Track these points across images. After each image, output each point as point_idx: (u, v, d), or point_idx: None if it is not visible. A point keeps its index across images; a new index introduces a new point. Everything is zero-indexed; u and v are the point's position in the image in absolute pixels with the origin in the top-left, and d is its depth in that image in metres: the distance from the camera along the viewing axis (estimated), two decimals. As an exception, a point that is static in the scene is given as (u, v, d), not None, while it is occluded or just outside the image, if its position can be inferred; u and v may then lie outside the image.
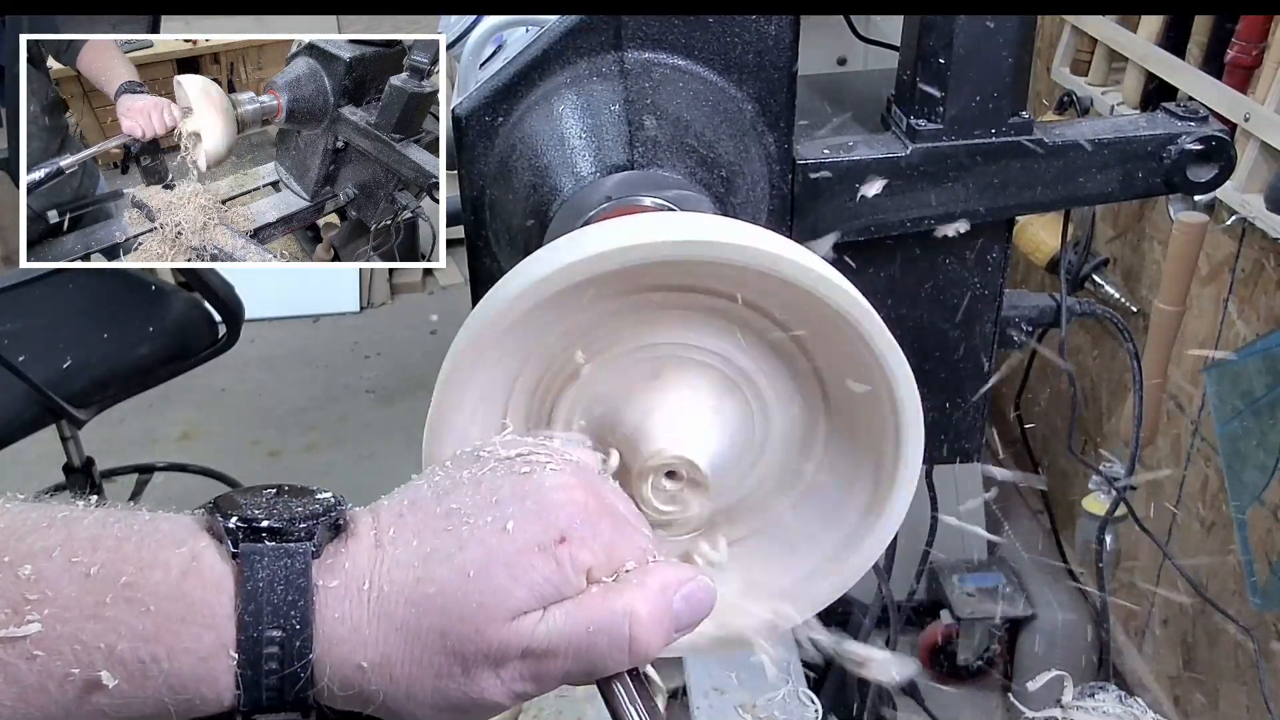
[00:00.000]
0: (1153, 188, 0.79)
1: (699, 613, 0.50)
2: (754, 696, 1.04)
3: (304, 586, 0.44)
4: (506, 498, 0.47)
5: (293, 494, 0.47)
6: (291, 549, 0.44)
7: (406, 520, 0.47)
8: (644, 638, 0.47)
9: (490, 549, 0.46)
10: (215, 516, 0.45)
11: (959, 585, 2.13)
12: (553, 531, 0.47)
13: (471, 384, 0.56)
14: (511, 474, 0.49)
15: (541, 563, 0.46)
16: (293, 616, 0.43)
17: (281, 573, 0.44)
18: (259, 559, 0.44)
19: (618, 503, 0.51)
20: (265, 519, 0.45)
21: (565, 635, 0.46)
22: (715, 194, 0.67)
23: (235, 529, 0.44)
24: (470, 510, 0.47)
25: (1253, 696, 1.72)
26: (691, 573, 0.50)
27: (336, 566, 0.45)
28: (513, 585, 0.46)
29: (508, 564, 0.46)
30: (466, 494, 0.48)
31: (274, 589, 0.44)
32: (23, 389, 1.73)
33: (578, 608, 0.47)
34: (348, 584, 0.45)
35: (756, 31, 0.70)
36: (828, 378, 0.60)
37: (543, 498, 0.48)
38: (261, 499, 0.47)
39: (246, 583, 0.43)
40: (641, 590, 0.48)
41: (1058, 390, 2.29)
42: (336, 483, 2.29)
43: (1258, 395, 1.60)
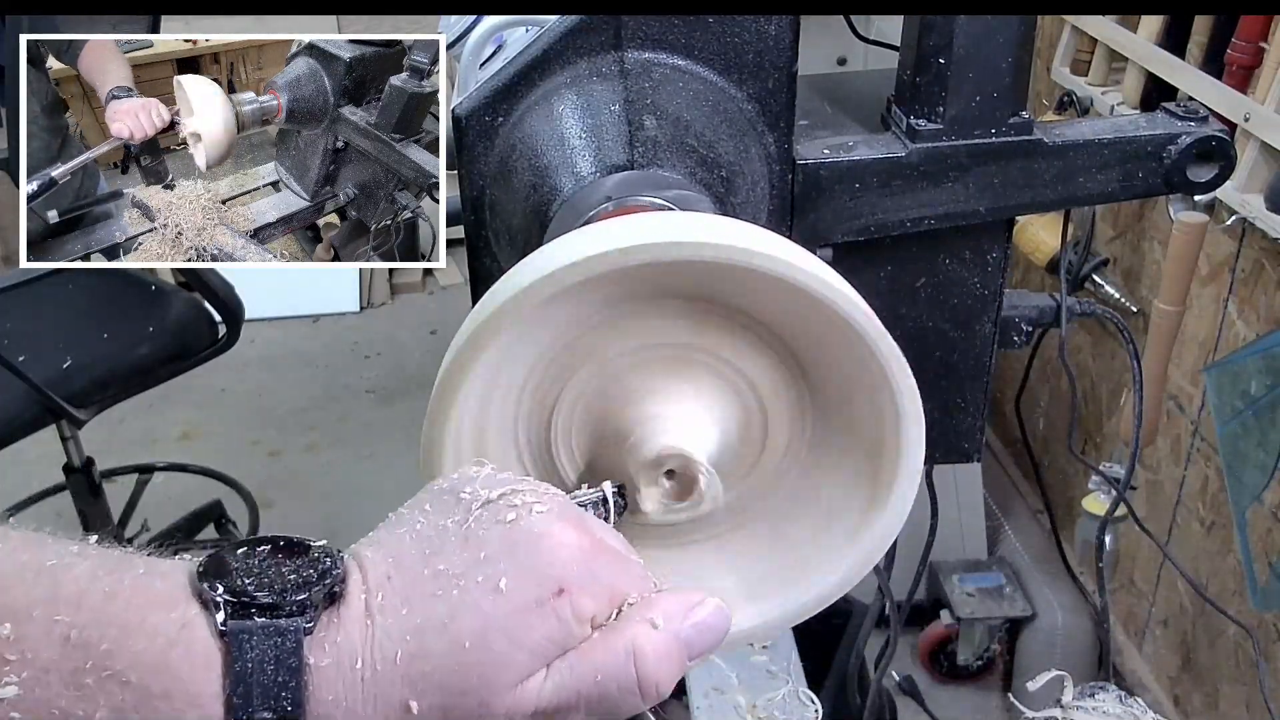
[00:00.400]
0: (1153, 188, 0.79)
1: (713, 636, 0.48)
2: (754, 696, 1.04)
3: (296, 667, 0.42)
4: (496, 552, 0.45)
5: (289, 552, 0.45)
6: (283, 626, 0.42)
7: (394, 583, 0.45)
8: (651, 674, 0.45)
9: (485, 615, 0.43)
10: (204, 584, 0.43)
11: (959, 585, 2.13)
12: (549, 584, 0.44)
13: (471, 384, 0.56)
14: (497, 523, 0.46)
15: (540, 621, 0.44)
16: (284, 699, 0.41)
17: (272, 652, 0.42)
18: (248, 637, 0.42)
19: (608, 537, 0.49)
20: (255, 589, 0.43)
21: (573, 689, 0.44)
22: (715, 194, 0.67)
23: (225, 602, 0.42)
24: (459, 570, 0.44)
25: (1253, 696, 1.72)
26: (699, 596, 0.48)
27: (328, 642, 0.43)
28: (513, 651, 0.43)
29: (505, 629, 0.43)
30: (454, 551, 0.45)
31: (264, 669, 0.41)
32: (23, 389, 1.73)
33: (581, 658, 0.45)
34: (340, 662, 0.43)
35: (756, 31, 0.70)
36: (827, 378, 0.60)
37: (534, 547, 0.45)
38: (255, 560, 0.44)
39: (235, 663, 0.41)
40: (643, 625, 0.46)
41: (1058, 390, 2.29)
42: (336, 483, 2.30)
43: (1258, 395, 1.60)
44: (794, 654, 1.09)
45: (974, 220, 0.78)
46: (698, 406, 0.59)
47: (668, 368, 0.59)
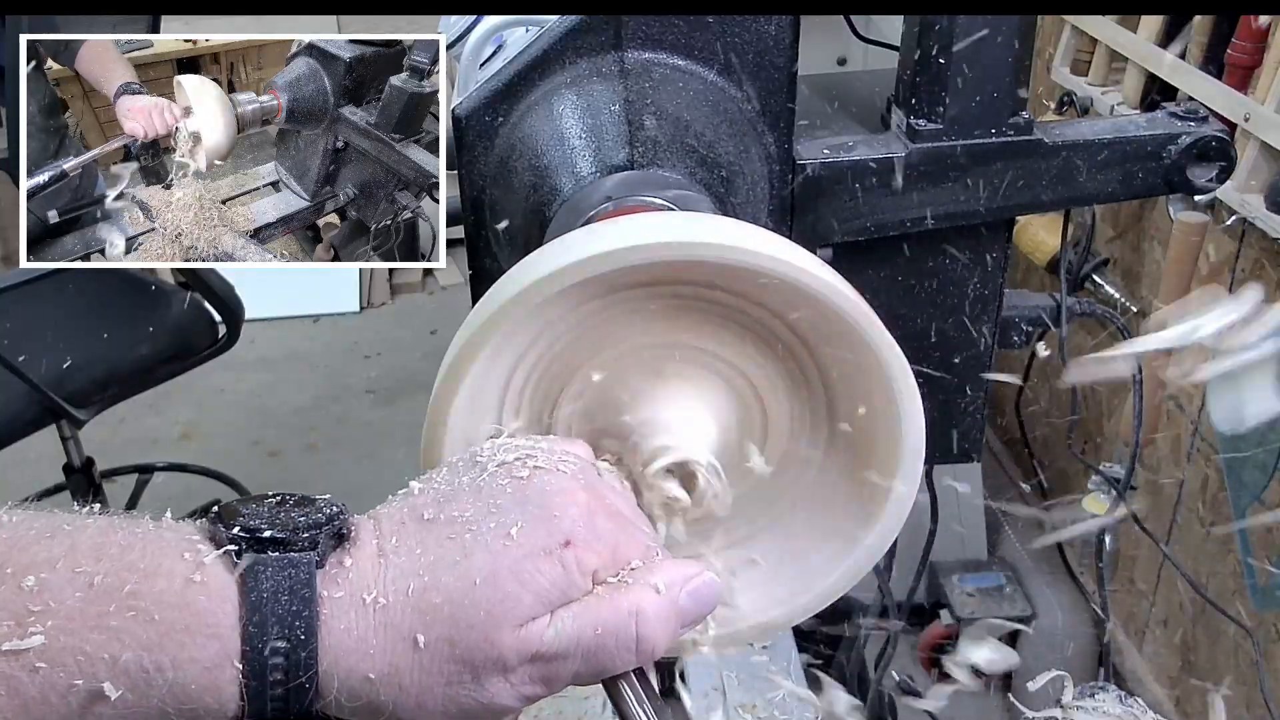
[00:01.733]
0: (1153, 188, 0.79)
1: (705, 607, 0.50)
2: (754, 696, 1.04)
3: (308, 597, 0.44)
4: (509, 503, 0.47)
5: (295, 503, 0.47)
6: (295, 559, 0.44)
7: (409, 528, 0.47)
8: (650, 635, 0.48)
9: (496, 556, 0.46)
10: (217, 526, 0.45)
11: (959, 585, 2.13)
12: (557, 536, 0.47)
13: (471, 383, 0.56)
14: (511, 478, 0.48)
15: (548, 567, 0.46)
16: (298, 627, 0.43)
17: (285, 583, 0.44)
18: (262, 569, 0.44)
19: (619, 502, 0.51)
20: (268, 529, 0.45)
21: (574, 638, 0.46)
22: (715, 194, 0.67)
23: (238, 539, 0.44)
24: (473, 517, 0.47)
25: (1253, 696, 1.72)
26: (697, 568, 0.50)
27: (340, 576, 0.45)
28: (520, 591, 0.45)
29: (514, 570, 0.46)
30: (468, 501, 0.48)
31: (278, 599, 0.43)
32: (23, 389, 1.73)
33: (585, 610, 0.47)
34: (352, 594, 0.45)
35: (756, 31, 0.70)
36: (827, 379, 0.60)
37: (545, 501, 0.48)
38: (264, 508, 0.46)
39: (250, 593, 0.43)
40: (646, 589, 0.48)
41: (1058, 390, 2.29)
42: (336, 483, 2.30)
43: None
44: (794, 654, 1.09)
45: (974, 220, 0.78)
46: (698, 407, 0.59)
47: (668, 368, 0.59)
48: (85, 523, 0.45)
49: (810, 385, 0.61)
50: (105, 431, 2.63)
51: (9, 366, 1.68)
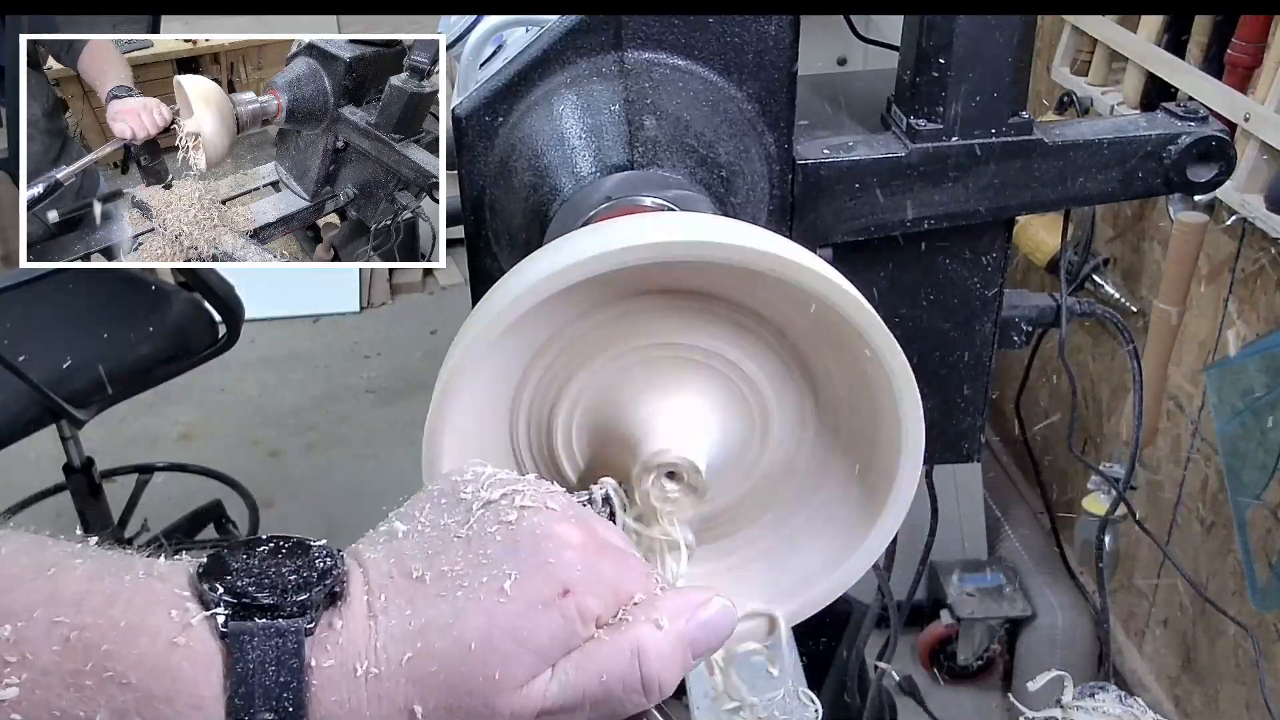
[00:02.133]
0: (1153, 188, 0.79)
1: (718, 635, 0.48)
2: (754, 696, 1.04)
3: (297, 668, 0.42)
4: (499, 552, 0.45)
5: (289, 553, 0.45)
6: (284, 627, 0.42)
7: (398, 585, 0.45)
8: (656, 674, 0.45)
9: (490, 615, 0.43)
10: (206, 585, 0.43)
11: (959, 585, 2.13)
12: (554, 585, 0.44)
13: (472, 384, 0.56)
14: (500, 523, 0.46)
15: (546, 621, 0.44)
16: (286, 699, 0.41)
17: (273, 653, 0.41)
18: (249, 639, 0.41)
19: (609, 534, 0.49)
20: (256, 590, 0.42)
21: (578, 690, 0.44)
22: (715, 194, 0.67)
23: (225, 604, 0.42)
24: (463, 571, 0.44)
25: (1253, 696, 1.72)
26: (704, 595, 0.48)
27: (330, 642, 0.43)
28: (519, 652, 0.43)
29: (511, 629, 0.43)
30: (457, 552, 0.45)
31: (265, 670, 0.41)
32: (23, 389, 1.73)
33: (586, 658, 0.45)
34: (343, 662, 0.43)
35: (756, 31, 0.70)
36: (827, 378, 0.60)
37: (537, 547, 0.45)
38: (255, 560, 0.44)
39: (236, 664, 0.41)
40: (648, 625, 0.46)
41: (1058, 390, 2.29)
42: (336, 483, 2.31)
43: (1258, 395, 1.60)
44: (794, 654, 1.09)
45: (974, 220, 0.78)
46: (698, 407, 0.59)
47: (668, 368, 0.59)
48: (73, 564, 0.43)
49: (810, 385, 0.61)
50: (105, 431, 2.63)
51: (9, 366, 1.69)
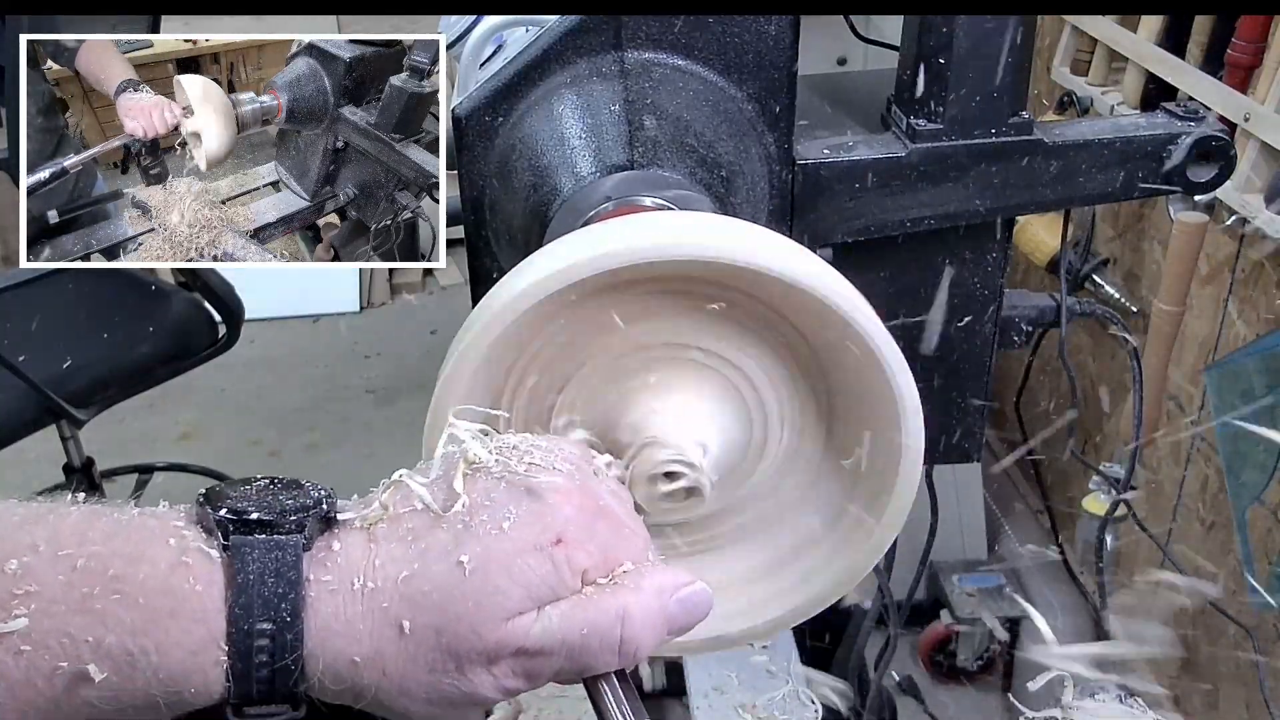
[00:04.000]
0: (1153, 188, 0.79)
1: (695, 616, 0.50)
2: (754, 696, 1.04)
3: (294, 579, 0.44)
4: (502, 498, 0.47)
5: (283, 486, 0.47)
6: (282, 541, 0.44)
7: (401, 514, 0.47)
8: (635, 639, 0.48)
9: (487, 548, 0.46)
10: (205, 509, 0.45)
11: (959, 585, 2.13)
12: (549, 533, 0.47)
13: (472, 384, 0.56)
14: (508, 473, 0.48)
15: (538, 563, 0.46)
16: (283, 610, 0.43)
17: (272, 565, 0.44)
18: (249, 551, 0.44)
19: (613, 503, 0.51)
20: (255, 511, 0.45)
21: (559, 635, 0.46)
22: (715, 194, 0.67)
23: (225, 521, 0.44)
24: (466, 509, 0.47)
25: (1253, 696, 1.72)
26: (688, 577, 0.50)
27: (329, 560, 0.45)
28: (509, 585, 0.46)
29: (504, 564, 0.46)
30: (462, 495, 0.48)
31: (264, 581, 0.43)
32: (23, 389, 1.73)
33: (572, 609, 0.47)
34: (340, 578, 0.45)
35: (756, 31, 0.70)
36: (827, 378, 0.60)
37: (539, 498, 0.48)
38: (251, 490, 0.47)
39: (237, 575, 0.43)
40: (635, 592, 0.48)
41: (1058, 390, 2.29)
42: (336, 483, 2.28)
43: (1258, 395, 1.60)
44: (794, 654, 1.09)
45: (974, 220, 0.78)
46: (698, 407, 0.59)
47: (668, 367, 0.59)
48: (69, 510, 0.45)
49: (810, 384, 0.61)
50: (105, 431, 2.63)
51: (9, 366, 1.68)
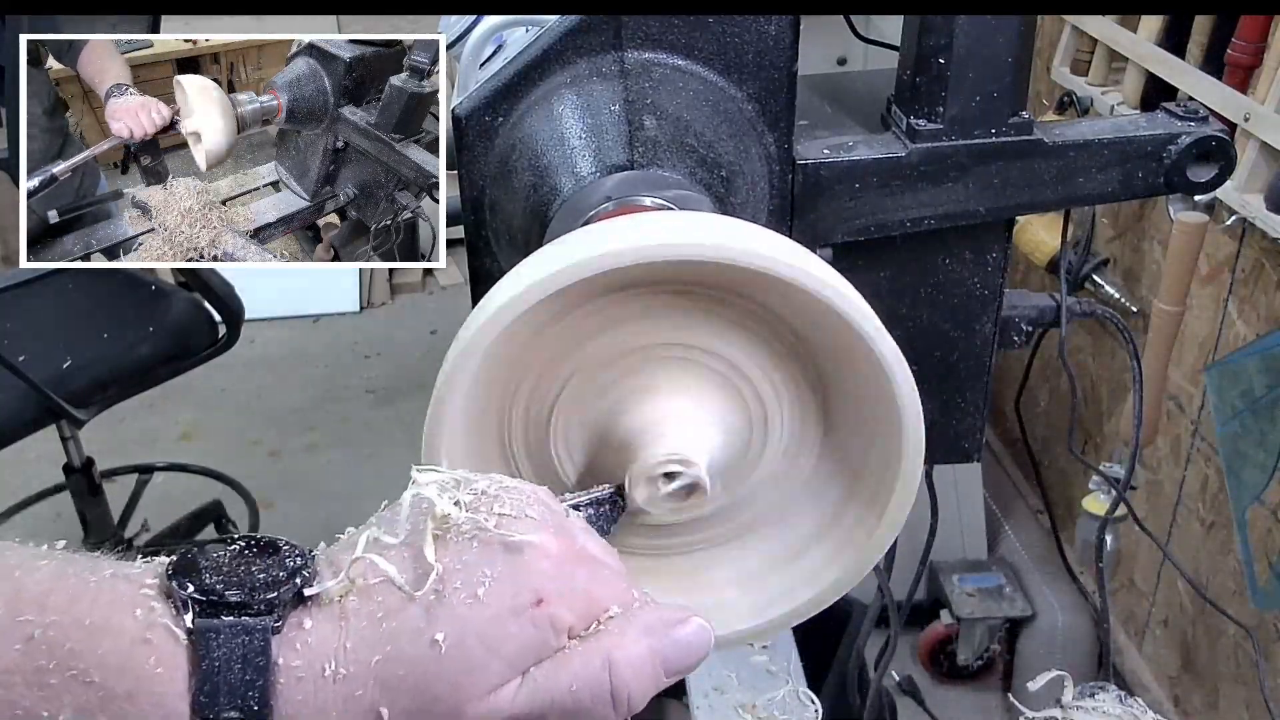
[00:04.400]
0: (1153, 188, 0.79)
1: (693, 654, 0.47)
2: (754, 696, 1.04)
3: (263, 666, 0.41)
4: (475, 560, 0.44)
5: (258, 552, 0.44)
6: (250, 624, 0.41)
7: (371, 586, 0.44)
8: (626, 686, 0.45)
9: (462, 621, 0.43)
10: (174, 582, 0.42)
11: (959, 585, 2.13)
12: (527, 594, 0.44)
13: (472, 384, 0.56)
14: (478, 529, 0.45)
15: (518, 630, 0.44)
16: (251, 698, 0.41)
17: (239, 650, 0.41)
18: (214, 636, 0.41)
19: (589, 544, 0.48)
20: (224, 588, 0.42)
21: (547, 697, 0.44)
22: (715, 194, 0.67)
23: (193, 600, 0.42)
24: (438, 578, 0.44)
25: (1253, 696, 1.72)
26: (680, 614, 0.47)
27: (299, 641, 0.42)
28: (489, 658, 0.43)
29: (481, 636, 0.43)
30: None
31: (231, 668, 0.41)
32: (23, 389, 1.73)
33: (557, 666, 0.44)
34: (311, 662, 0.42)
35: (756, 31, 0.70)
36: (827, 379, 0.61)
37: (513, 556, 0.45)
38: (224, 558, 0.44)
39: (202, 661, 0.41)
40: (620, 637, 0.45)
41: (1058, 390, 2.29)
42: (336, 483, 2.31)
43: (1258, 395, 1.60)
44: (794, 654, 1.09)
45: (974, 220, 0.78)
46: (697, 407, 0.59)
47: (667, 368, 0.59)
48: (38, 565, 0.42)
49: (810, 385, 0.61)
50: (105, 431, 2.63)
51: (9, 366, 1.68)
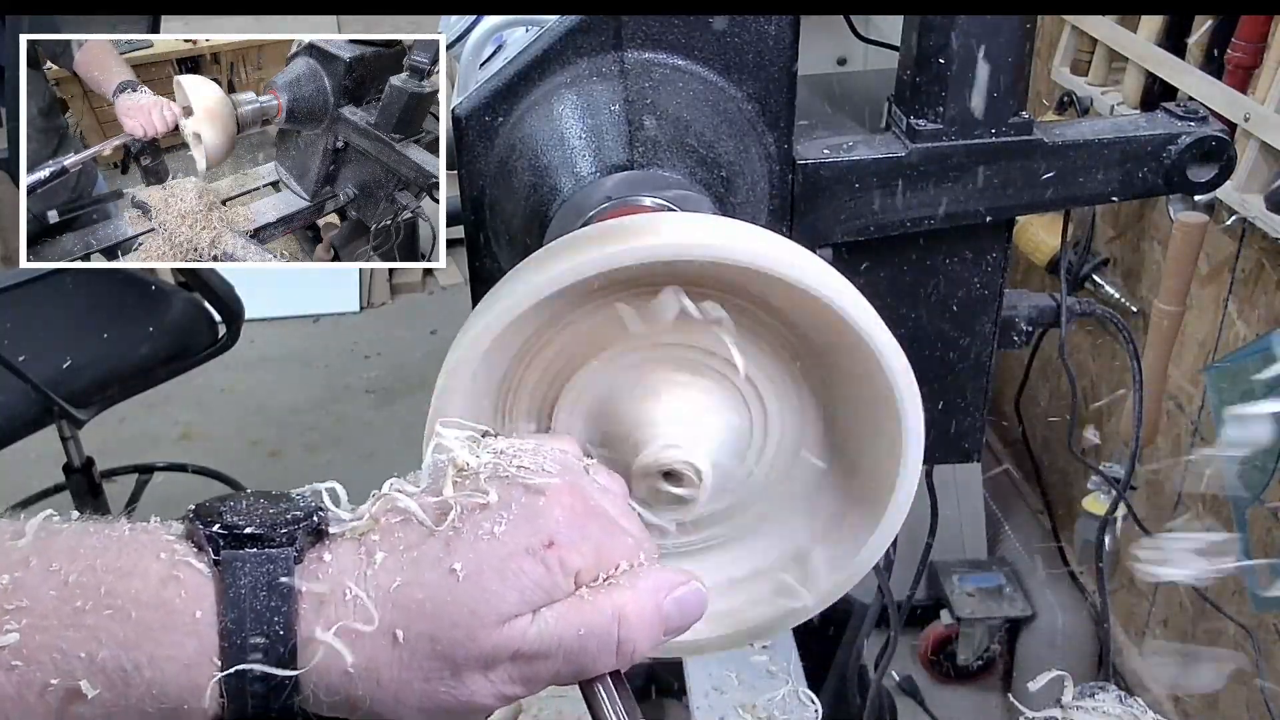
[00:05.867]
0: (1153, 188, 0.79)
1: (689, 616, 0.51)
2: (754, 696, 1.04)
3: (286, 592, 0.43)
4: (493, 504, 0.47)
5: (273, 499, 0.47)
6: (273, 554, 0.44)
7: (392, 525, 0.47)
8: (632, 639, 0.48)
9: (479, 554, 0.46)
10: (195, 524, 0.45)
11: (959, 585, 2.13)
12: (541, 536, 0.47)
13: (472, 384, 0.56)
14: (496, 478, 0.48)
15: (530, 567, 0.46)
16: (276, 622, 0.43)
17: (264, 578, 0.43)
18: (240, 565, 0.43)
19: (605, 502, 0.51)
20: (246, 525, 0.44)
21: (556, 638, 0.46)
22: (715, 194, 0.67)
23: (216, 535, 0.44)
24: (456, 516, 0.47)
25: (1253, 696, 1.72)
26: (683, 577, 0.50)
27: (321, 571, 0.45)
28: (503, 590, 0.45)
29: (497, 569, 0.45)
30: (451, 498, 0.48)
31: (256, 595, 0.43)
32: (23, 389, 1.73)
33: (568, 610, 0.47)
34: (333, 588, 0.45)
35: (756, 31, 0.70)
36: (827, 378, 0.61)
37: (529, 502, 0.47)
38: (242, 505, 0.46)
39: (228, 589, 0.43)
40: (631, 592, 0.48)
41: (1058, 390, 2.29)
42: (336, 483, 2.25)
43: (1258, 395, 1.60)
44: (794, 654, 1.09)
45: (974, 220, 0.78)
46: (698, 407, 0.59)
47: (668, 367, 0.59)
48: (59, 525, 0.45)
49: (810, 384, 0.61)
50: (105, 431, 2.63)
51: (9, 366, 1.69)
